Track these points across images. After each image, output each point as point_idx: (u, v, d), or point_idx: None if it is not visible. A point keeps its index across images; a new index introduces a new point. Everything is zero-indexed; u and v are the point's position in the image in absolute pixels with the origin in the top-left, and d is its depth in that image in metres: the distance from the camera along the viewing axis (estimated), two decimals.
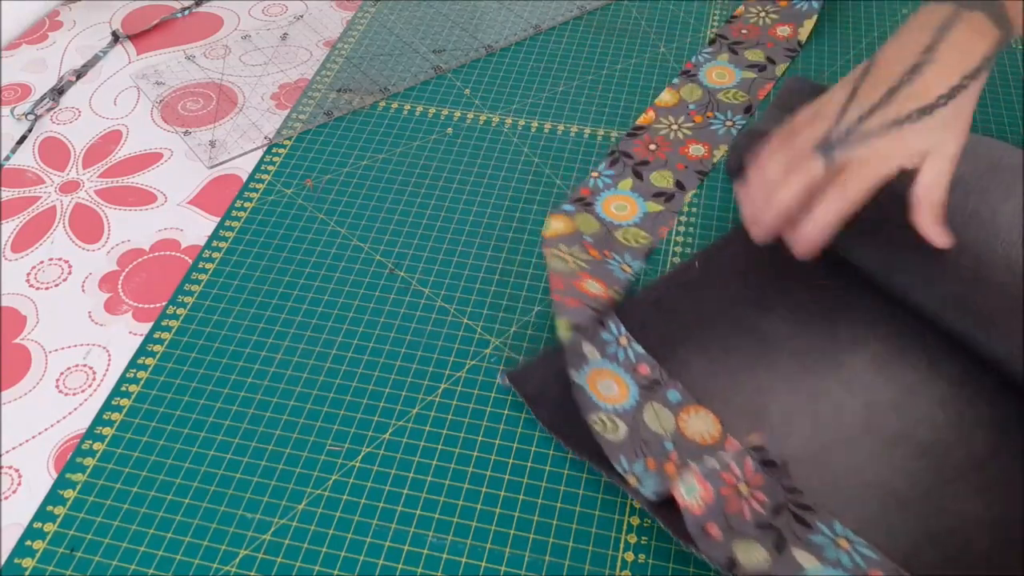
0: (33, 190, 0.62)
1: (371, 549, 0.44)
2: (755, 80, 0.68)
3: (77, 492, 0.46)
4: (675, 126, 0.64)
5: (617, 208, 0.58)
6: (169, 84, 0.70)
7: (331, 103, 0.68)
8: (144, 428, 0.48)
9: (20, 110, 0.68)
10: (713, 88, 0.67)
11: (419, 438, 0.48)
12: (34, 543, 0.44)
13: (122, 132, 0.66)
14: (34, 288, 0.56)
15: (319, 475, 0.46)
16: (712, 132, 0.64)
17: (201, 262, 0.57)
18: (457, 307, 0.54)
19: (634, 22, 0.75)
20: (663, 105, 0.66)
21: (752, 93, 0.67)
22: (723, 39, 0.72)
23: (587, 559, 0.43)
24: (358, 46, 0.73)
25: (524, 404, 0.49)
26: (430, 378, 0.50)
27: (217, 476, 0.46)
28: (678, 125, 0.64)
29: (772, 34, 0.72)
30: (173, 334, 0.53)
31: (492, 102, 0.68)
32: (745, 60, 0.70)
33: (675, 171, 0.61)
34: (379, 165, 0.63)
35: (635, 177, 0.60)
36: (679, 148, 0.63)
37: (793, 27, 0.72)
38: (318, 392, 0.50)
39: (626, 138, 0.64)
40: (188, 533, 0.44)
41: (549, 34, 0.74)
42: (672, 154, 0.62)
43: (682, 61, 0.71)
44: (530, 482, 0.46)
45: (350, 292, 0.55)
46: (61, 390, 0.51)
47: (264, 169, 0.63)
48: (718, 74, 0.69)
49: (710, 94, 0.67)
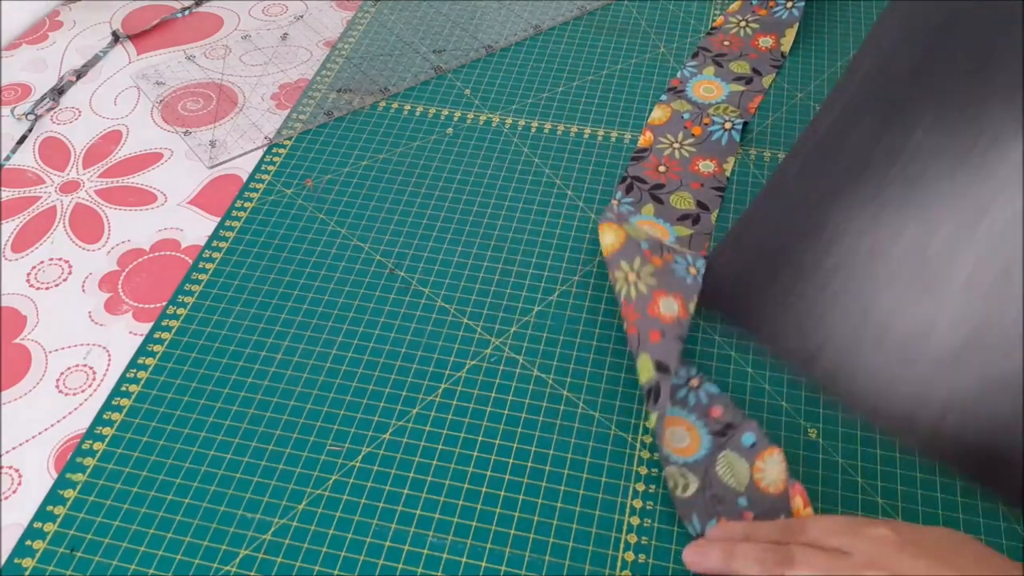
0: (33, 190, 0.62)
1: (371, 549, 0.44)
2: (744, 93, 0.67)
3: (77, 492, 0.46)
4: (676, 144, 0.64)
5: (651, 230, 0.57)
6: (169, 84, 0.70)
7: (331, 103, 0.68)
8: (144, 428, 0.49)
9: (20, 110, 0.68)
10: (702, 103, 0.67)
11: (419, 438, 0.48)
12: (34, 543, 0.44)
13: (122, 132, 0.66)
14: (34, 288, 0.56)
15: (319, 475, 0.46)
16: (715, 144, 0.63)
17: (201, 262, 0.57)
18: (457, 307, 0.54)
19: (634, 22, 0.75)
20: (657, 123, 0.66)
21: (742, 107, 0.66)
22: (706, 52, 0.71)
23: (587, 559, 0.43)
24: (358, 46, 0.73)
25: (524, 404, 0.49)
26: (430, 378, 0.50)
27: (217, 476, 0.46)
28: (679, 143, 0.64)
29: (755, 45, 0.72)
30: (173, 334, 0.53)
31: (492, 102, 0.68)
32: (731, 73, 0.69)
33: (691, 191, 0.60)
34: (379, 165, 0.63)
35: (655, 202, 0.59)
36: (688, 167, 0.62)
37: (775, 37, 0.72)
38: (318, 392, 0.50)
39: (632, 163, 0.63)
40: (188, 533, 0.44)
41: (549, 34, 0.74)
42: (684, 173, 0.61)
43: (682, 61, 0.71)
44: (530, 482, 0.46)
45: (350, 292, 0.55)
46: (61, 390, 0.51)
47: (264, 169, 0.63)
48: (705, 89, 0.68)
49: (700, 109, 0.66)
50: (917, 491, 0.45)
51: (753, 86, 0.68)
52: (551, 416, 0.49)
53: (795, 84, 0.68)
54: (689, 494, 0.44)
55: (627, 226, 0.54)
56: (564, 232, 0.58)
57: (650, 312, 0.48)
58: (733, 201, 0.60)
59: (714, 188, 0.60)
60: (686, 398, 0.47)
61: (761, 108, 0.66)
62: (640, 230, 0.55)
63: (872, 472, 0.46)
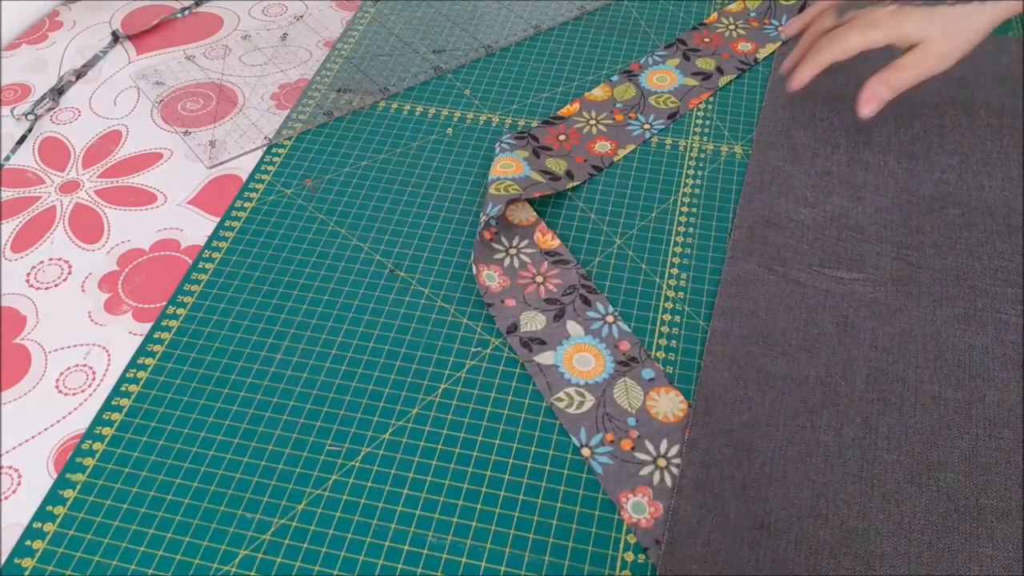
0: (33, 190, 0.62)
1: (371, 549, 0.44)
2: (693, 88, 0.67)
3: (77, 492, 0.46)
4: (593, 121, 0.65)
5: (503, 166, 0.59)
6: (169, 84, 0.70)
7: (331, 103, 0.68)
8: (144, 428, 0.49)
9: (20, 110, 0.68)
10: (648, 90, 0.67)
11: (419, 438, 0.48)
12: (34, 543, 0.44)
13: (122, 132, 0.66)
14: (34, 288, 0.56)
15: (319, 475, 0.46)
16: (627, 132, 0.64)
17: (201, 262, 0.57)
18: (457, 307, 0.54)
19: (634, 22, 0.75)
20: (592, 99, 0.67)
21: (683, 100, 0.66)
22: (681, 44, 0.72)
23: (587, 559, 0.43)
24: (358, 46, 0.73)
25: (524, 404, 0.49)
26: (430, 378, 0.50)
27: (217, 476, 0.46)
28: (596, 121, 0.65)
29: (733, 47, 0.71)
30: (173, 334, 0.53)
31: (492, 102, 0.68)
32: (693, 67, 0.69)
33: (572, 162, 0.62)
34: (379, 165, 0.63)
35: (533, 155, 0.61)
36: (587, 143, 0.63)
37: (755, 46, 0.72)
38: (318, 392, 0.50)
39: (541, 124, 0.65)
40: (188, 533, 0.44)
41: (549, 34, 0.74)
42: (578, 147, 0.63)
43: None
44: (530, 482, 0.46)
45: (350, 292, 0.55)
46: (61, 390, 0.51)
47: (264, 169, 0.63)
48: (659, 78, 0.68)
49: (643, 95, 0.67)
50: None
51: (707, 83, 0.68)
52: (551, 416, 0.49)
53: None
54: (582, 411, 0.48)
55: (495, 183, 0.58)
56: (564, 232, 0.58)
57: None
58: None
59: (594, 166, 0.62)
60: (599, 329, 0.52)
61: (698, 106, 0.66)
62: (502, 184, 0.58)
63: None
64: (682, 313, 0.53)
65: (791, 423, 0.47)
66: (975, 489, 0.45)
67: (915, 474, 0.45)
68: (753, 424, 0.47)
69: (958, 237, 0.56)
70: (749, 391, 0.49)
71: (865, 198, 0.58)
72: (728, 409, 0.48)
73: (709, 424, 0.47)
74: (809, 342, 0.51)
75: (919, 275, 0.54)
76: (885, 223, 0.57)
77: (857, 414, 0.48)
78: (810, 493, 0.45)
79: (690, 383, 0.50)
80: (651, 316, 0.53)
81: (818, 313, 0.52)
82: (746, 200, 0.58)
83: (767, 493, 0.45)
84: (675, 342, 0.52)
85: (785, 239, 0.56)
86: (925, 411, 0.48)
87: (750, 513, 0.44)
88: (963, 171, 0.60)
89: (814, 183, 0.59)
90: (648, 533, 0.44)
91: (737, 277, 0.54)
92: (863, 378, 0.49)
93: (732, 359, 0.50)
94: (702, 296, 0.54)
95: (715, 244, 0.57)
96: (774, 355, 0.50)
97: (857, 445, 0.46)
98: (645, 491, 0.45)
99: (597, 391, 0.49)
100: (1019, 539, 0.43)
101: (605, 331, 0.52)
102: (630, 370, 0.50)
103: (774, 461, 0.46)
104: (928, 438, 0.47)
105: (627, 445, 0.47)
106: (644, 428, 0.47)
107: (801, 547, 0.43)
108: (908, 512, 0.44)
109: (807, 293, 0.53)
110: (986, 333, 0.51)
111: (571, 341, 0.51)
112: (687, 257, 0.56)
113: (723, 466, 0.46)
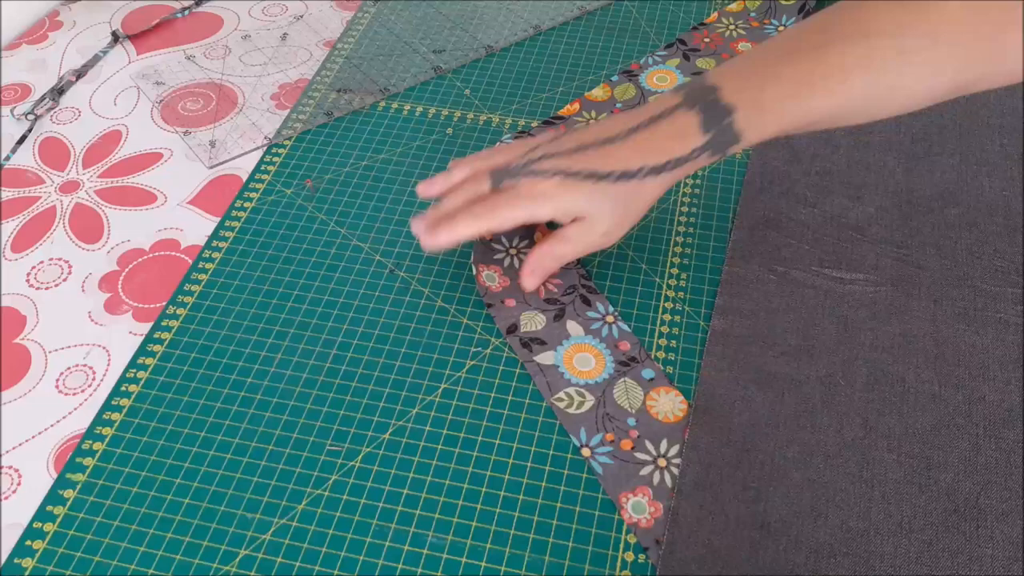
0: (33, 190, 0.62)
1: (371, 549, 0.44)
2: None
3: (77, 492, 0.46)
4: (593, 122, 0.64)
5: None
6: (169, 84, 0.70)
7: (331, 103, 0.68)
8: (144, 428, 0.49)
9: (20, 110, 0.68)
10: (648, 90, 0.67)
11: (419, 438, 0.48)
12: (34, 543, 0.44)
13: (122, 132, 0.66)
14: (34, 288, 0.56)
15: (319, 475, 0.46)
16: None
17: (201, 262, 0.57)
18: (457, 307, 0.54)
19: (634, 22, 0.75)
20: (592, 99, 0.67)
21: None
22: (682, 44, 0.71)
23: (587, 559, 0.43)
24: (358, 46, 0.73)
25: (524, 404, 0.49)
26: (430, 378, 0.50)
27: (217, 476, 0.46)
28: (595, 121, 0.65)
29: (733, 47, 0.71)
30: (173, 334, 0.53)
31: (492, 102, 0.68)
32: (693, 67, 0.69)
33: None
34: (379, 165, 0.63)
35: None
36: None
37: (755, 45, 0.72)
38: (318, 392, 0.50)
39: (541, 124, 0.65)
40: (188, 533, 0.44)
41: (549, 34, 0.74)
42: None
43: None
44: (530, 482, 0.46)
45: (350, 292, 0.55)
46: (61, 390, 0.51)
47: (264, 169, 0.63)
48: (659, 78, 0.68)
49: (642, 95, 0.67)
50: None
51: None
52: (551, 416, 0.49)
53: None
54: (582, 411, 0.48)
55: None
56: None
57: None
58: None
59: None
60: (599, 329, 0.52)
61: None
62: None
63: None
64: (682, 313, 0.53)
65: (791, 423, 0.47)
66: (975, 489, 0.45)
67: (915, 474, 0.45)
68: (753, 424, 0.47)
69: (958, 237, 0.56)
70: (749, 391, 0.49)
71: (865, 198, 0.58)
72: (728, 409, 0.48)
73: (709, 424, 0.47)
74: (809, 342, 0.51)
75: (919, 275, 0.54)
76: (885, 223, 0.57)
77: (857, 414, 0.48)
78: (810, 493, 0.45)
79: (690, 383, 0.50)
80: (651, 316, 0.53)
81: (818, 313, 0.52)
82: (746, 200, 0.59)
83: (767, 493, 0.45)
84: (675, 342, 0.52)
85: (785, 239, 0.56)
86: (925, 411, 0.48)
87: (750, 513, 0.44)
88: (963, 171, 0.60)
89: (814, 183, 0.59)
90: (648, 533, 0.44)
91: (737, 277, 0.54)
92: (863, 378, 0.49)
93: (732, 359, 0.50)
94: (702, 296, 0.54)
95: (715, 244, 0.57)
96: (774, 355, 0.50)
97: (857, 445, 0.46)
98: (645, 491, 0.45)
99: (597, 391, 0.49)
100: (1019, 539, 0.43)
101: (605, 331, 0.52)
102: (630, 370, 0.50)
103: (774, 461, 0.46)
104: (928, 438, 0.47)
105: (627, 445, 0.47)
106: (644, 428, 0.47)
107: (801, 547, 0.43)
108: (908, 512, 0.44)
109: (807, 293, 0.53)
110: (986, 333, 0.51)
111: (571, 341, 0.51)
112: (687, 257, 0.56)
113: (723, 466, 0.46)
